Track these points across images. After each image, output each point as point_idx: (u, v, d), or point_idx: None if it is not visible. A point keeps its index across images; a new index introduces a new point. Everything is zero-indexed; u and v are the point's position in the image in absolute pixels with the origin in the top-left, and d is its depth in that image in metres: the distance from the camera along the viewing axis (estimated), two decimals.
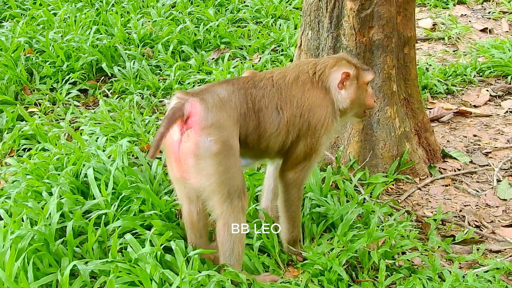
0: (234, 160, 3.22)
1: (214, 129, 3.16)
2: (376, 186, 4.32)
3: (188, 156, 3.14)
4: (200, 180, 3.19)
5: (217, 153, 3.15)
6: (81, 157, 4.23)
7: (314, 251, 3.56)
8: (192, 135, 3.12)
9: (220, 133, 3.18)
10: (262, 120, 3.42)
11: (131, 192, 3.89)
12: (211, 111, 3.19)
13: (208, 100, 3.22)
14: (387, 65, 4.37)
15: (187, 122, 3.14)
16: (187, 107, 3.15)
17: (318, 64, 3.51)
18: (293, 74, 3.51)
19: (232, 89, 3.37)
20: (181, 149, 3.14)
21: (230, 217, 3.23)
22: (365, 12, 4.23)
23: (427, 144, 4.75)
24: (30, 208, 3.72)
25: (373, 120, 4.45)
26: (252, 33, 7.17)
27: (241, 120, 3.35)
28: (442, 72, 6.25)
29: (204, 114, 3.16)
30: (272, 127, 3.44)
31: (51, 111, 5.54)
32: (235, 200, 3.22)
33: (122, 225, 3.63)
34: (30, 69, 6.15)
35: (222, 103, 3.26)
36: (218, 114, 3.21)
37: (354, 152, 4.47)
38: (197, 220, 3.49)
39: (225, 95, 3.31)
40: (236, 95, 3.36)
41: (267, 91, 3.45)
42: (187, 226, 3.54)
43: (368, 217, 3.90)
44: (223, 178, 3.19)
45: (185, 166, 3.18)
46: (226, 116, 3.24)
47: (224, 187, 3.19)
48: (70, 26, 6.92)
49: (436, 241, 3.84)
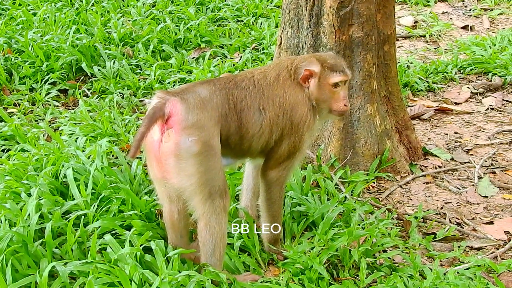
0: (215, 160, 3.20)
1: (195, 129, 3.14)
2: (357, 184, 4.31)
3: (169, 156, 3.12)
4: (181, 180, 3.16)
5: (198, 153, 3.12)
6: (61, 157, 4.19)
7: (294, 250, 3.54)
8: (172, 135, 3.09)
9: (201, 133, 3.15)
10: (244, 121, 3.40)
11: (110, 193, 3.86)
12: (192, 111, 3.16)
13: (189, 100, 3.19)
14: (367, 63, 4.36)
15: (168, 122, 3.11)
16: (168, 107, 3.12)
17: (295, 61, 3.49)
18: (274, 73, 3.49)
19: (213, 89, 3.34)
20: (161, 149, 3.11)
21: (211, 217, 3.21)
22: (345, 10, 4.22)
23: (408, 142, 4.75)
24: (8, 209, 3.67)
25: (353, 118, 4.44)
26: (233, 32, 7.16)
27: (223, 120, 3.33)
28: (423, 70, 6.27)
29: (185, 114, 3.14)
30: (255, 128, 3.42)
31: (31, 112, 5.49)
32: (217, 200, 3.20)
33: (102, 226, 3.59)
34: (9, 70, 6.10)
35: (203, 103, 3.23)
36: (199, 114, 3.18)
37: (335, 150, 4.46)
38: (178, 220, 3.45)
39: (207, 95, 3.29)
40: (217, 95, 3.34)
41: (249, 92, 3.44)
42: (168, 226, 3.50)
43: (349, 215, 3.89)
44: (204, 178, 3.16)
45: (166, 166, 3.15)
46: (207, 116, 3.22)
47: (205, 187, 3.17)
48: (50, 26, 6.88)
49: (417, 238, 3.84)
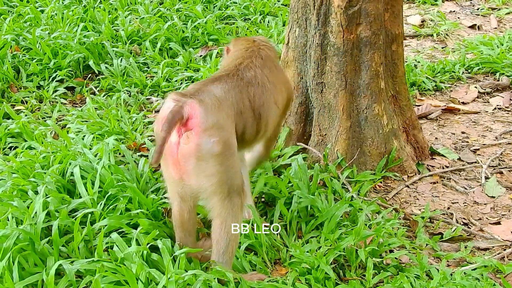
0: (233, 158, 3.23)
1: (215, 130, 3.14)
2: (364, 183, 4.31)
3: (189, 158, 3.11)
4: (200, 181, 3.17)
5: (219, 153, 3.14)
6: (68, 155, 4.20)
7: (301, 249, 3.54)
8: (192, 137, 3.08)
9: (221, 133, 3.16)
10: (264, 115, 3.52)
11: (117, 191, 3.86)
12: (210, 112, 3.15)
13: (206, 101, 3.18)
14: (374, 62, 4.35)
15: (187, 124, 3.09)
16: (187, 109, 3.08)
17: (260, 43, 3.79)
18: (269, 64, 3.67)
19: (227, 87, 3.36)
20: (180, 151, 3.09)
21: (229, 216, 3.22)
22: (353, 9, 4.21)
23: (415, 142, 4.74)
24: (15, 207, 3.68)
25: (360, 117, 4.43)
26: (240, 30, 7.15)
27: (238, 117, 3.37)
28: (430, 69, 6.25)
29: (205, 116, 3.12)
30: (273, 120, 3.62)
31: (38, 109, 5.50)
32: (235, 198, 3.22)
33: (108, 224, 3.59)
34: (17, 67, 6.10)
35: (219, 103, 3.24)
36: (217, 115, 3.19)
37: (342, 150, 4.45)
38: (187, 218, 3.44)
39: (222, 94, 3.31)
40: (232, 93, 3.36)
41: (266, 88, 3.54)
42: (177, 224, 3.48)
43: (355, 215, 3.89)
44: (225, 177, 3.18)
45: (185, 168, 3.14)
46: (225, 116, 3.24)
47: (225, 186, 3.19)
48: (58, 23, 6.88)
49: (424, 239, 3.83)
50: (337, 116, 4.42)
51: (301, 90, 4.55)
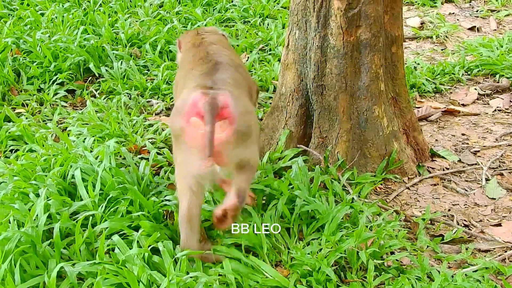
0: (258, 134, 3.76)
1: (247, 115, 3.36)
2: (364, 185, 4.32)
3: (227, 144, 3.22)
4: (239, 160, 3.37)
5: (253, 134, 3.40)
6: (69, 158, 4.21)
7: (302, 251, 3.55)
8: (227, 125, 3.20)
9: (251, 116, 3.44)
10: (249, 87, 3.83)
11: (118, 193, 3.87)
12: (239, 99, 3.33)
13: (232, 89, 3.33)
14: (374, 64, 4.35)
15: (221, 114, 3.17)
16: (221, 100, 3.18)
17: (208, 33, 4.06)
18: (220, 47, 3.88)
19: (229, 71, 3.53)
20: (216, 140, 3.12)
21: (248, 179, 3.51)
22: (353, 11, 4.22)
23: (415, 143, 4.75)
24: (17, 209, 3.69)
25: (361, 119, 4.44)
26: (240, 32, 7.16)
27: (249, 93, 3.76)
28: (430, 71, 6.25)
29: (236, 104, 3.25)
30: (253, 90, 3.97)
31: (39, 112, 5.50)
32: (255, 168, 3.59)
33: (110, 226, 3.60)
34: (17, 70, 6.10)
35: (237, 87, 3.46)
36: (244, 100, 3.44)
37: (342, 152, 4.46)
38: (195, 214, 3.47)
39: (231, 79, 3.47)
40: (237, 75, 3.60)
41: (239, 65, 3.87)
42: (184, 220, 3.47)
43: (356, 217, 3.89)
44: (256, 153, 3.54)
45: (221, 154, 3.23)
46: (245, 96, 3.57)
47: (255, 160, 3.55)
48: (58, 26, 6.88)
49: (424, 240, 3.83)
50: (337, 118, 4.42)
51: (301, 92, 4.55)
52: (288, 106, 4.62)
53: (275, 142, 4.66)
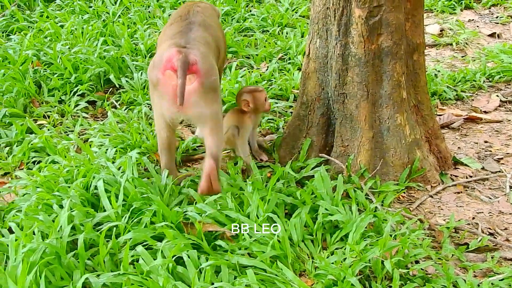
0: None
1: (212, 70, 3.98)
2: (387, 194, 4.29)
3: (194, 93, 3.86)
4: (201, 109, 3.97)
5: (217, 87, 4.04)
6: (91, 169, 4.22)
7: (327, 261, 3.53)
8: (195, 78, 3.85)
9: (215, 71, 4.03)
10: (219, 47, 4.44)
11: (141, 204, 3.88)
12: (207, 57, 3.97)
13: (201, 48, 3.98)
14: (396, 72, 4.34)
15: (191, 69, 3.80)
16: (191, 58, 3.80)
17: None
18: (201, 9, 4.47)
19: (200, 32, 4.16)
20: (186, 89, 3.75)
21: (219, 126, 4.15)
22: (374, 19, 4.21)
23: (438, 151, 4.72)
24: (41, 221, 3.70)
25: (383, 128, 4.42)
26: (258, 42, 7.16)
27: (216, 52, 4.32)
28: (451, 78, 6.22)
29: (204, 60, 3.91)
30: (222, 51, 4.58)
31: (60, 123, 5.53)
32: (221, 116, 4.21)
33: (133, 237, 3.61)
34: (38, 82, 6.14)
35: (207, 46, 4.12)
36: (210, 58, 4.04)
37: (365, 161, 4.44)
38: (172, 143, 4.29)
39: (201, 38, 4.11)
40: (206, 35, 4.20)
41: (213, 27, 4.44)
42: (164, 147, 4.26)
43: (380, 225, 3.87)
44: (219, 104, 4.12)
45: (188, 102, 3.83)
46: (212, 56, 4.12)
47: (219, 110, 4.14)
48: (78, 38, 6.93)
49: (449, 249, 3.80)
50: (359, 127, 4.41)
51: (323, 101, 4.54)
52: (309, 115, 4.61)
53: (296, 151, 4.65)
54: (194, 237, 3.65)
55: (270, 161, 4.73)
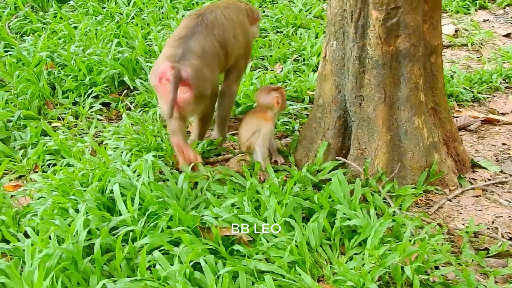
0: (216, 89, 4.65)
1: (205, 82, 4.31)
2: (405, 198, 4.25)
3: (187, 102, 4.29)
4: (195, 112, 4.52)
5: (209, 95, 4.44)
6: (107, 172, 4.19)
7: (345, 266, 3.49)
8: (189, 89, 4.23)
9: (208, 82, 4.35)
10: (229, 49, 4.62)
11: (158, 208, 3.85)
12: (199, 71, 4.25)
13: (194, 63, 4.24)
14: (414, 74, 4.29)
15: (184, 83, 4.17)
16: (183, 73, 4.15)
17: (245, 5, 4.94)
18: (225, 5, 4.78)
19: (201, 39, 4.40)
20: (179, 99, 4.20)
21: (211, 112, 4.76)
22: (391, 21, 4.16)
23: (456, 154, 4.67)
24: (57, 225, 3.68)
25: (400, 131, 4.37)
26: (273, 43, 7.12)
27: (217, 58, 4.50)
28: (467, 80, 6.16)
29: (196, 75, 4.22)
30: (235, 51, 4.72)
31: (74, 126, 5.50)
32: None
33: (150, 242, 3.58)
34: (53, 84, 6.12)
35: (202, 59, 4.31)
36: (203, 70, 4.29)
37: (382, 164, 4.39)
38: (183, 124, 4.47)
39: (199, 49, 4.35)
40: (207, 43, 4.42)
41: (225, 26, 4.60)
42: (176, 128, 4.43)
43: (398, 230, 3.83)
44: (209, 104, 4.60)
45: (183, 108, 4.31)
46: (207, 67, 4.35)
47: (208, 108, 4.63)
48: (91, 40, 6.90)
49: (469, 254, 3.75)
50: (376, 130, 4.36)
51: (339, 103, 4.50)
52: (326, 118, 4.57)
53: (313, 154, 4.61)
54: (211, 241, 3.62)
55: (286, 164, 4.69)
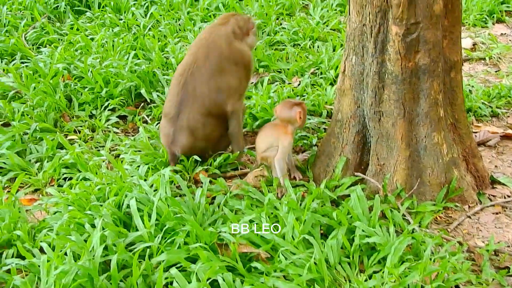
0: None
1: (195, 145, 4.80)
2: (425, 215, 4.20)
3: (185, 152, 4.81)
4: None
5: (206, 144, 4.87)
6: (123, 187, 4.16)
7: (365, 285, 3.44)
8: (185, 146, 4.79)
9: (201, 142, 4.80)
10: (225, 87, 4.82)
11: (175, 224, 3.81)
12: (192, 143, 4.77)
13: (184, 143, 4.77)
14: (433, 90, 4.25)
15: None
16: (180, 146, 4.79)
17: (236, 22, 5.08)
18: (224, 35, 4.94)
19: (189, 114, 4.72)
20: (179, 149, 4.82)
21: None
22: (411, 36, 4.12)
23: (475, 170, 4.62)
24: (73, 241, 3.65)
25: (420, 146, 4.33)
26: (290, 55, 7.09)
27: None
28: (485, 94, 6.10)
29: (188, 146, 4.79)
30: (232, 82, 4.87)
31: (91, 138, 5.48)
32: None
33: (167, 259, 3.54)
34: (69, 96, 6.11)
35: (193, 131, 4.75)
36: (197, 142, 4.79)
37: (401, 180, 4.35)
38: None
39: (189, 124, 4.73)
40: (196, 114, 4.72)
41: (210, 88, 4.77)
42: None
43: (418, 248, 3.78)
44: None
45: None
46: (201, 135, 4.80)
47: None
48: (108, 51, 6.89)
49: (490, 273, 3.68)
50: (395, 145, 4.32)
51: (358, 119, 4.47)
52: (344, 133, 4.53)
53: (331, 170, 4.57)
54: (228, 258, 3.58)
55: (304, 179, 4.65)
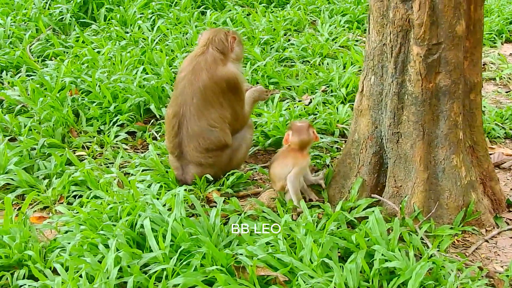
0: None
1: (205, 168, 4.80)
2: (443, 238, 4.11)
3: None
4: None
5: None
6: (136, 206, 4.07)
7: None
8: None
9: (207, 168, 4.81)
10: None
11: (190, 245, 3.72)
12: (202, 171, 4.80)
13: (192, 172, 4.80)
14: (453, 112, 4.18)
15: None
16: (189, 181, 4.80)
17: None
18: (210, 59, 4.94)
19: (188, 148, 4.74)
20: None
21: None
22: (432, 57, 4.06)
23: (492, 194, 4.55)
24: (88, 263, 3.55)
25: (438, 169, 4.26)
26: (300, 72, 7.02)
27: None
28: (498, 115, 6.04)
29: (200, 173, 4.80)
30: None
31: (100, 155, 5.39)
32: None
33: (184, 282, 3.45)
34: (76, 110, 6.02)
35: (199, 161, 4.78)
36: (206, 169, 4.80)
37: (419, 203, 4.27)
38: None
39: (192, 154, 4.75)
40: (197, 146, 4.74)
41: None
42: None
43: (438, 273, 3.69)
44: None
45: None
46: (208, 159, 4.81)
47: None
48: (116, 65, 6.80)
49: None
50: (413, 167, 4.25)
51: (376, 139, 4.39)
52: (361, 154, 4.46)
53: (347, 191, 4.49)
54: (246, 281, 3.49)
55: (319, 200, 4.56)
